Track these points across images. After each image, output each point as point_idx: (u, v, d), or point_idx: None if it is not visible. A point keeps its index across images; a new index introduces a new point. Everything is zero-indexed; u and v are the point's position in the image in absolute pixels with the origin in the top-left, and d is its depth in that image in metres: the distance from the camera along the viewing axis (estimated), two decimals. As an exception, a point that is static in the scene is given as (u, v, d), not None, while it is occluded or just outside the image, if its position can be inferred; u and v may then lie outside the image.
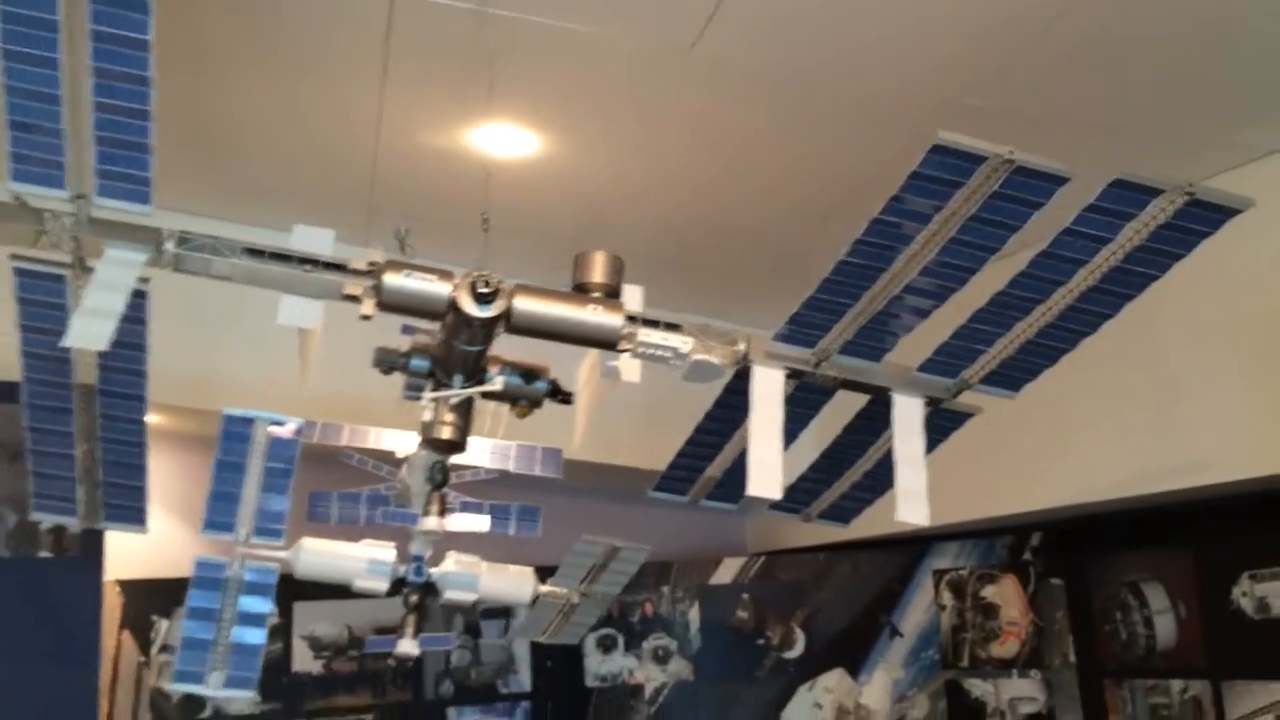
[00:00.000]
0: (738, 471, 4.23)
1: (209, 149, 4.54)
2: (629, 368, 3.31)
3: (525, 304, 2.84)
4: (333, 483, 4.40)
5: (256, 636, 3.50)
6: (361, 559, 3.58)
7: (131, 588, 5.79)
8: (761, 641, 7.00)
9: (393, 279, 2.77)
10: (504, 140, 4.68)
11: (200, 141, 4.40)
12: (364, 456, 4.31)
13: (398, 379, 3.50)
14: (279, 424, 3.62)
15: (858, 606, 6.86)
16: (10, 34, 2.61)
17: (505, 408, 3.37)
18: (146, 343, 3.23)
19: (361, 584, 3.58)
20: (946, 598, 6.60)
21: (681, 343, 2.97)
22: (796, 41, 3.81)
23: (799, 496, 4.44)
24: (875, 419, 3.81)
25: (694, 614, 7.07)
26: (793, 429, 3.92)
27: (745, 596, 7.13)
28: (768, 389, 3.34)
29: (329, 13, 3.79)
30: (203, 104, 3.87)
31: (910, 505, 3.34)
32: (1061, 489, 5.93)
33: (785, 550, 7.24)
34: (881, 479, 4.18)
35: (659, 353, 3.00)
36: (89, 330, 2.73)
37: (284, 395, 4.77)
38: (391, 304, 2.78)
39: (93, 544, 5.02)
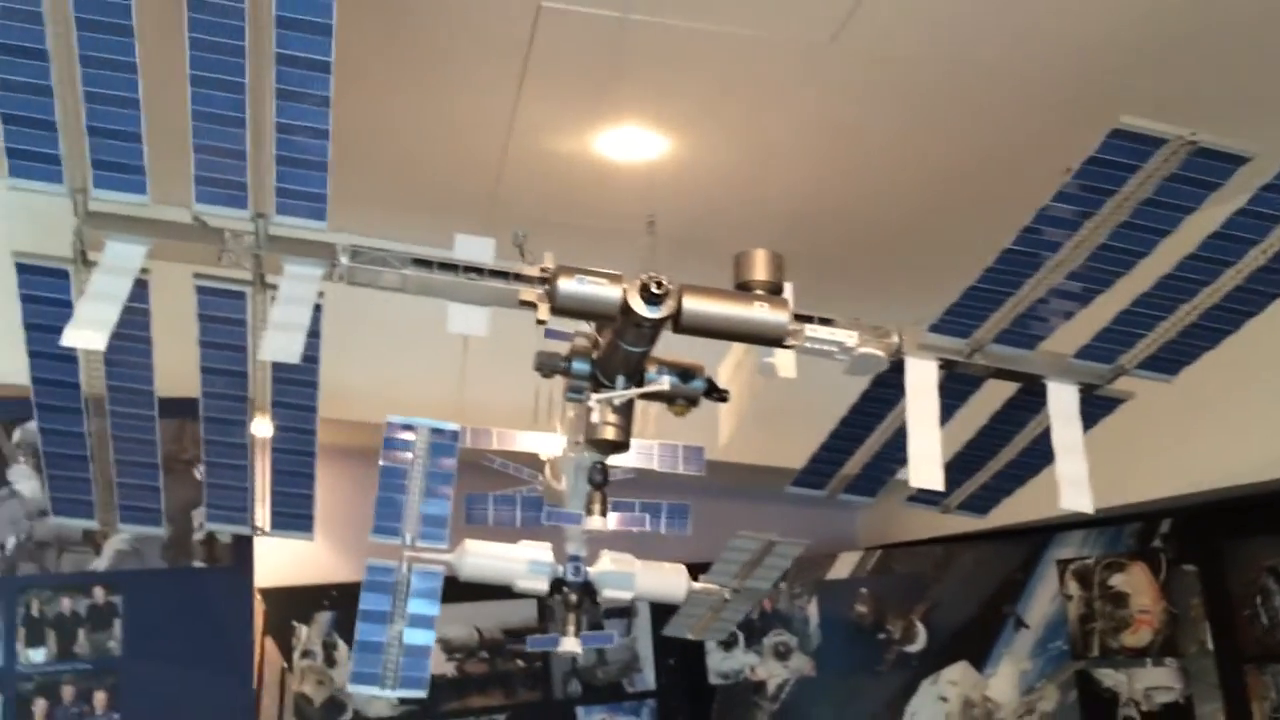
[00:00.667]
0: (878, 465, 4.27)
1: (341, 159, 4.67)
2: (785, 363, 3.34)
3: (694, 304, 2.88)
4: (473, 486, 4.48)
5: (426, 638, 3.59)
6: (522, 560, 3.66)
7: (273, 595, 5.95)
8: (882, 636, 6.97)
9: (567, 284, 2.84)
10: (631, 143, 4.74)
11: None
12: (505, 460, 4.39)
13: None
14: (440, 430, 3.72)
15: (980, 599, 6.79)
16: (199, 60, 2.73)
17: (655, 407, 3.44)
18: (319, 355, 3.35)
19: (523, 584, 3.65)
20: (1073, 587, 6.51)
21: (847, 336, 2.99)
22: (945, 28, 3.81)
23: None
24: (1021, 408, 3.79)
25: (813, 609, 7.06)
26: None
27: (864, 591, 7.10)
28: (922, 380, 3.35)
29: (472, 27, 3.89)
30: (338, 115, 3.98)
31: (1074, 493, 3.33)
32: (1194, 474, 5.82)
33: (901, 544, 7.20)
34: (1024, 468, 4.17)
35: (825, 347, 3.03)
36: (282, 344, 2.83)
37: (408, 401, 4.86)
38: (565, 308, 2.85)
39: (243, 553, 5.17)
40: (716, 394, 3.30)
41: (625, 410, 3.24)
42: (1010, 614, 6.67)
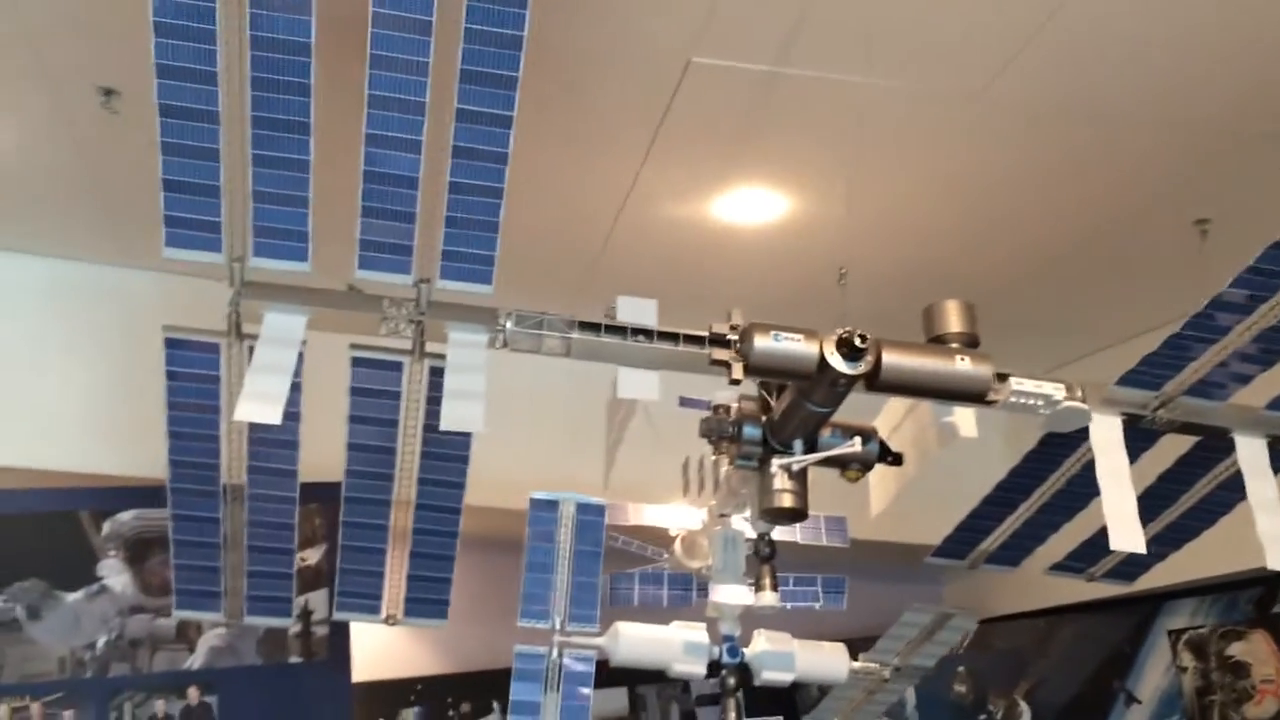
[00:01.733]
0: (1026, 534, 4.07)
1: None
2: (966, 422, 3.17)
3: (894, 359, 2.72)
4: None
5: (584, 721, 3.39)
6: (677, 642, 3.43)
7: (359, 691, 5.69)
8: (984, 716, 6.68)
9: (763, 342, 2.67)
10: (750, 205, 4.61)
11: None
12: (627, 537, 4.19)
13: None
14: (586, 505, 3.53)
15: (1086, 673, 6.51)
16: (377, 119, 2.60)
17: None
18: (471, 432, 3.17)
19: (680, 668, 3.42)
20: (1187, 659, 6.24)
21: (1054, 389, 2.82)
22: (1095, 79, 3.72)
23: (1082, 554, 4.25)
24: (1187, 467, 3.61)
25: (909, 691, 6.76)
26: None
27: (961, 669, 6.83)
28: (1109, 436, 3.17)
29: (618, 78, 3.78)
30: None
31: (1278, 550, 3.14)
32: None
33: (997, 618, 6.93)
34: (1182, 531, 3.97)
35: (1031, 401, 2.85)
36: (462, 413, 2.67)
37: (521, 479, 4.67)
38: (760, 366, 2.68)
39: (339, 646, 4.94)
40: (891, 458, 3.12)
41: (802, 477, 3.06)
42: (1120, 689, 6.39)
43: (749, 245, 4.72)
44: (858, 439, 2.89)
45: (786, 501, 2.99)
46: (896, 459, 3.12)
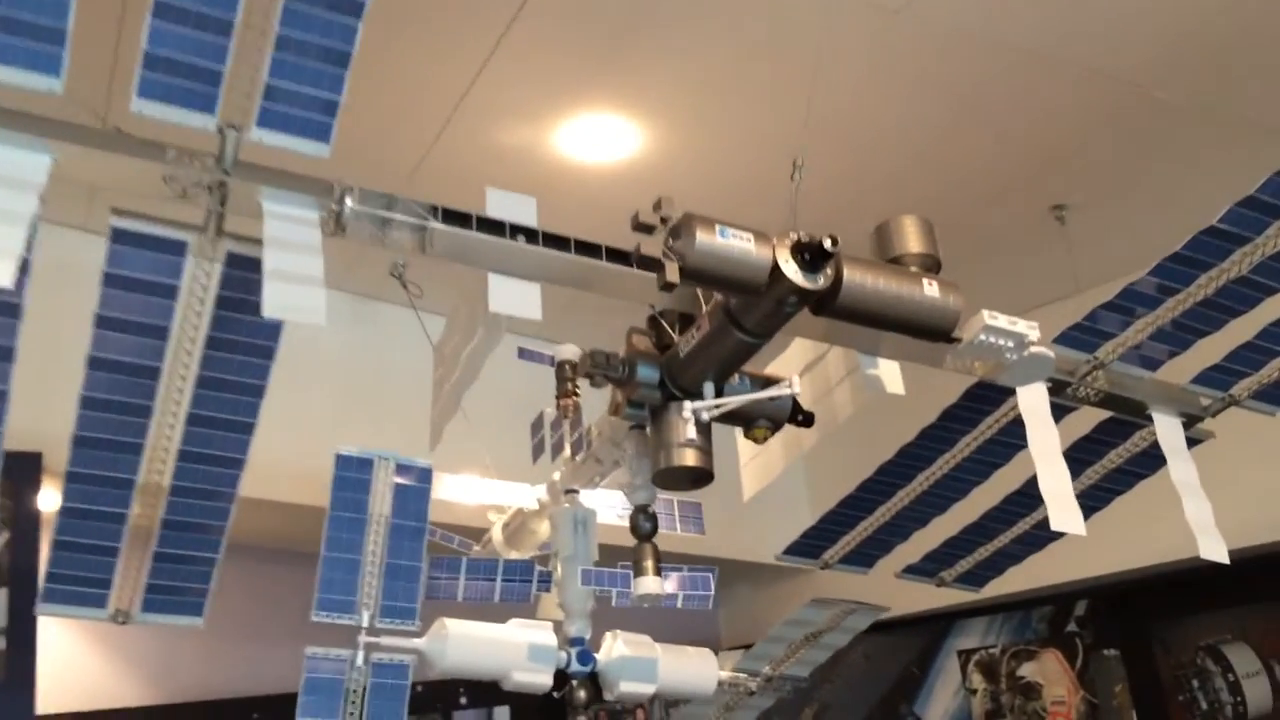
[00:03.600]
0: (886, 532, 3.63)
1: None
2: (892, 375, 2.66)
3: (856, 276, 2.16)
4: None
5: (396, 760, 2.64)
6: (519, 644, 2.73)
7: (48, 725, 4.53)
8: (765, 747, 6.23)
9: (706, 238, 2.04)
10: (597, 136, 3.94)
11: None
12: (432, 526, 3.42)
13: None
14: (408, 467, 2.78)
15: (873, 698, 6.22)
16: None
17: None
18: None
19: (521, 677, 2.72)
20: (977, 680, 6.05)
21: (1029, 329, 2.34)
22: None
23: (940, 555, 3.86)
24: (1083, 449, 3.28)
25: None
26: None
27: (744, 694, 6.36)
28: (1036, 403, 2.75)
29: None
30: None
31: (1211, 542, 2.81)
32: (1114, 553, 5.52)
33: (779, 640, 6.54)
34: (1038, 537, 3.66)
35: (1000, 341, 2.36)
36: (292, 298, 1.88)
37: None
38: (699, 269, 2.05)
39: (21, 665, 3.86)
40: (801, 417, 2.56)
41: (708, 431, 2.44)
42: (908, 714, 6.13)
43: (591, 184, 4.06)
44: (795, 378, 2.30)
45: (690, 459, 2.36)
46: (807, 419, 2.56)
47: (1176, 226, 2.61)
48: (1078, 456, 3.21)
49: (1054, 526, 2.60)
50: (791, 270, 2.08)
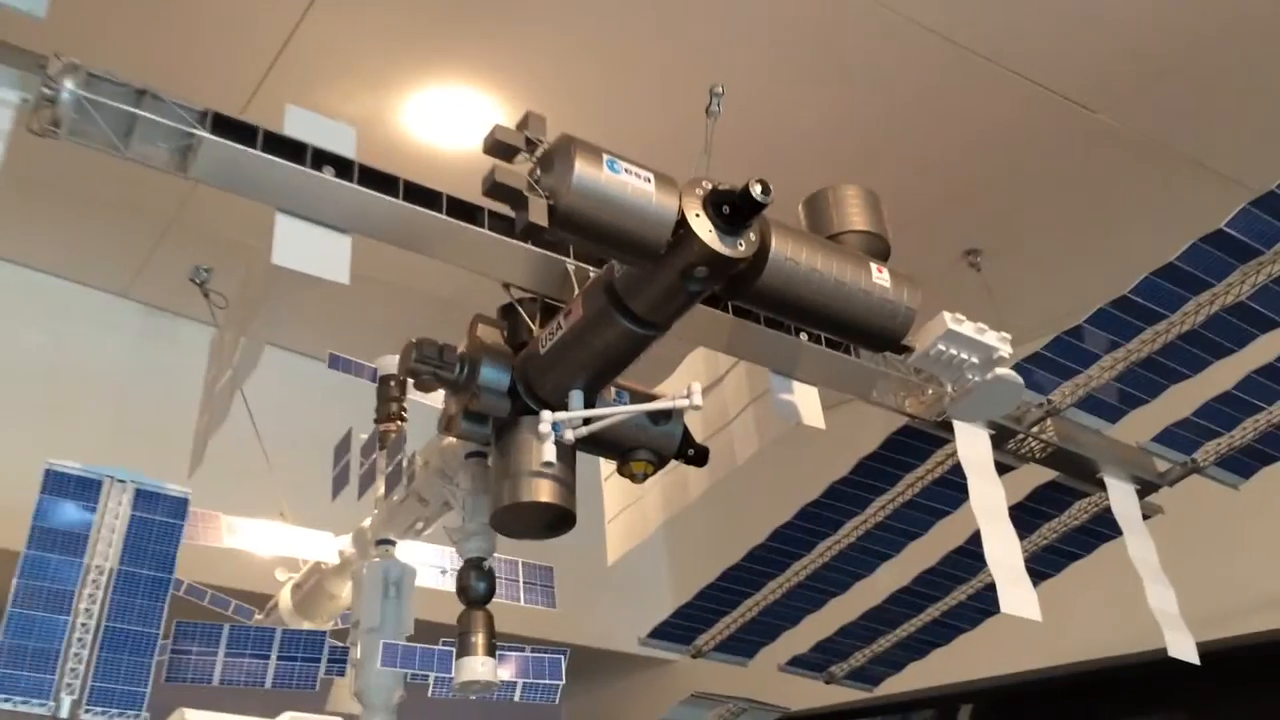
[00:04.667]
0: (773, 615, 3.03)
1: None
2: (809, 404, 2.07)
3: (788, 247, 1.58)
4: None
5: None
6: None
7: None
8: None
9: (589, 170, 1.43)
10: (447, 111, 3.25)
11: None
12: (197, 586, 2.67)
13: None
14: (156, 494, 2.08)
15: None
16: None
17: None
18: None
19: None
20: (845, 789, 5.43)
21: (999, 341, 1.78)
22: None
23: (830, 646, 3.28)
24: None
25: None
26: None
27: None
28: (979, 453, 2.21)
29: None
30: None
31: (1179, 639, 2.30)
32: (1004, 653, 5.02)
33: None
34: (949, 628, 3.13)
35: (963, 355, 1.79)
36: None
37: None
38: (575, 214, 1.43)
39: None
40: (694, 453, 1.95)
41: (570, 459, 1.80)
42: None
43: (442, 169, 3.38)
44: (696, 386, 1.68)
45: (545, 492, 1.72)
46: (700, 454, 1.95)
47: (1111, 276, 2.14)
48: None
49: (1005, 608, 2.04)
50: (704, 228, 1.49)
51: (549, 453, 1.68)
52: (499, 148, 1.48)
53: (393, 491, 2.16)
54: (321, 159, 1.64)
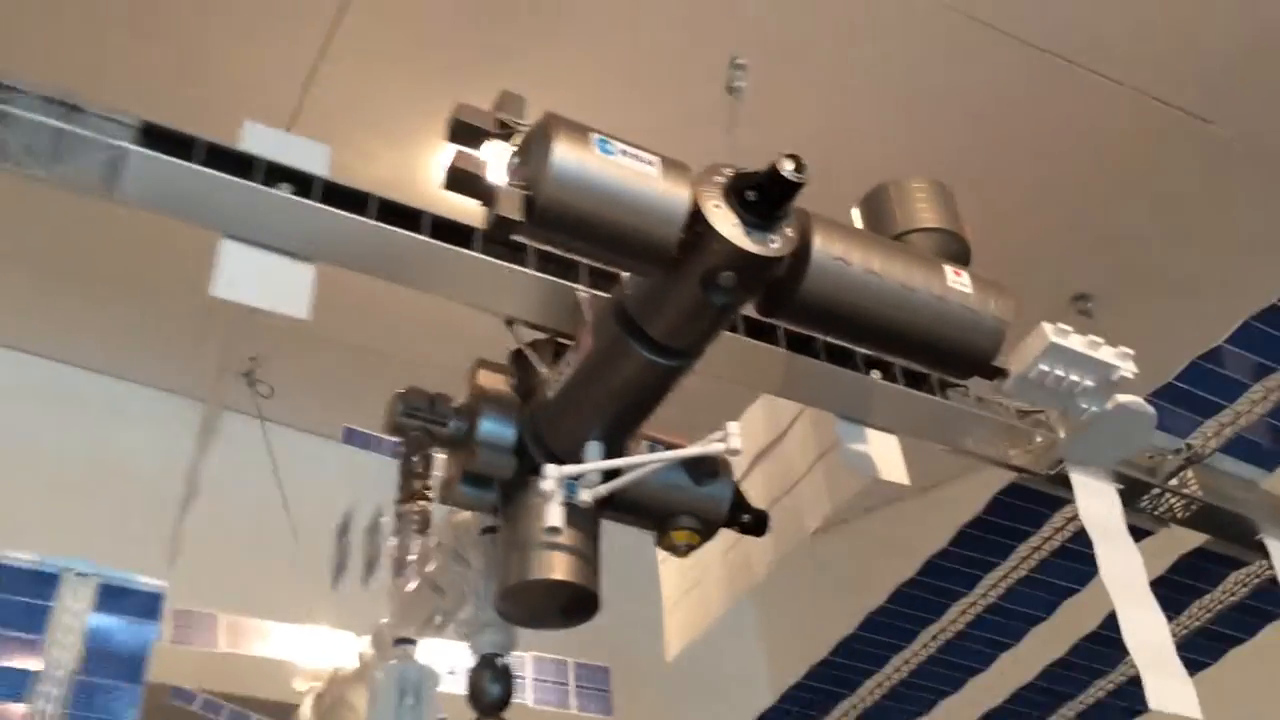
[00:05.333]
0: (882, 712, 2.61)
1: None
2: (888, 455, 1.71)
3: (836, 246, 1.26)
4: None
5: None
6: None
7: None
8: None
9: (572, 153, 1.14)
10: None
11: None
12: (182, 690, 2.39)
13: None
14: (125, 589, 1.83)
15: None
16: None
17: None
18: None
19: None
20: None
21: (1118, 358, 1.41)
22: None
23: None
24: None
25: None
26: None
27: None
28: (1105, 513, 1.81)
29: None
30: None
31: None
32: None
33: None
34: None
35: (1070, 378, 1.42)
36: None
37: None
38: (559, 207, 1.14)
39: None
40: (748, 517, 1.60)
41: (592, 528, 1.48)
42: None
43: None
44: (733, 427, 1.35)
45: (555, 567, 1.41)
46: (757, 520, 1.61)
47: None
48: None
49: (1154, 704, 1.63)
50: (726, 222, 1.18)
51: (555, 516, 1.36)
52: (463, 131, 1.21)
53: (403, 579, 1.86)
54: (278, 175, 1.39)
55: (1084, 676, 2.45)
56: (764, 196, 1.19)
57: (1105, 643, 2.39)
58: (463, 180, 1.16)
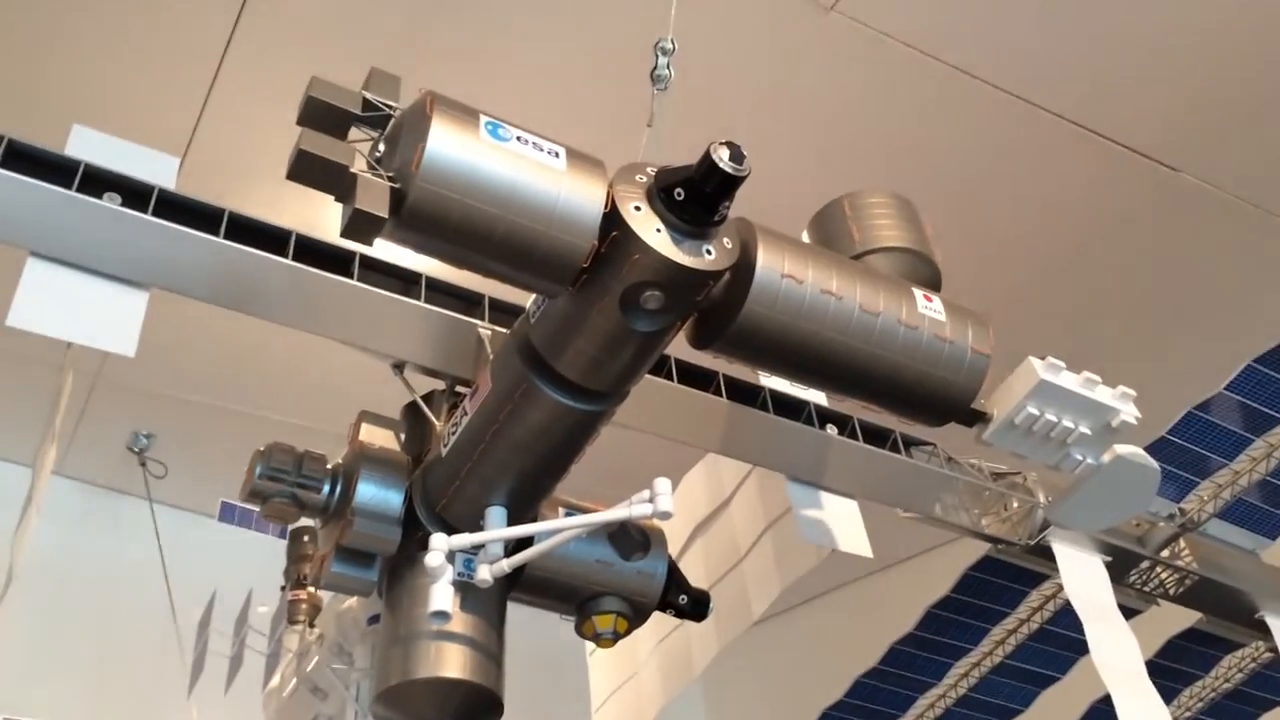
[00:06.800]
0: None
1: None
2: (847, 522, 1.47)
3: (783, 261, 1.04)
4: None
5: None
6: None
7: None
8: None
9: (460, 140, 0.91)
10: None
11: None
12: None
13: None
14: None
15: None
16: None
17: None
18: None
19: None
20: None
21: (1118, 400, 1.19)
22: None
23: None
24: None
25: None
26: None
27: None
28: (1092, 590, 1.58)
29: None
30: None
31: None
32: None
33: None
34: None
35: (1062, 423, 1.19)
36: None
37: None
38: (434, 206, 0.91)
39: None
40: (687, 601, 1.35)
41: (495, 608, 1.21)
42: None
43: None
44: (663, 483, 1.09)
45: (452, 666, 1.15)
46: (696, 604, 1.36)
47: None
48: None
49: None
50: (648, 226, 0.95)
51: (443, 599, 1.09)
52: (320, 113, 0.96)
53: (276, 682, 1.57)
54: (103, 184, 1.14)
55: None
56: (696, 195, 0.96)
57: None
58: (313, 166, 0.91)
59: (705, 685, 5.07)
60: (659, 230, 0.97)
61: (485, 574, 1.14)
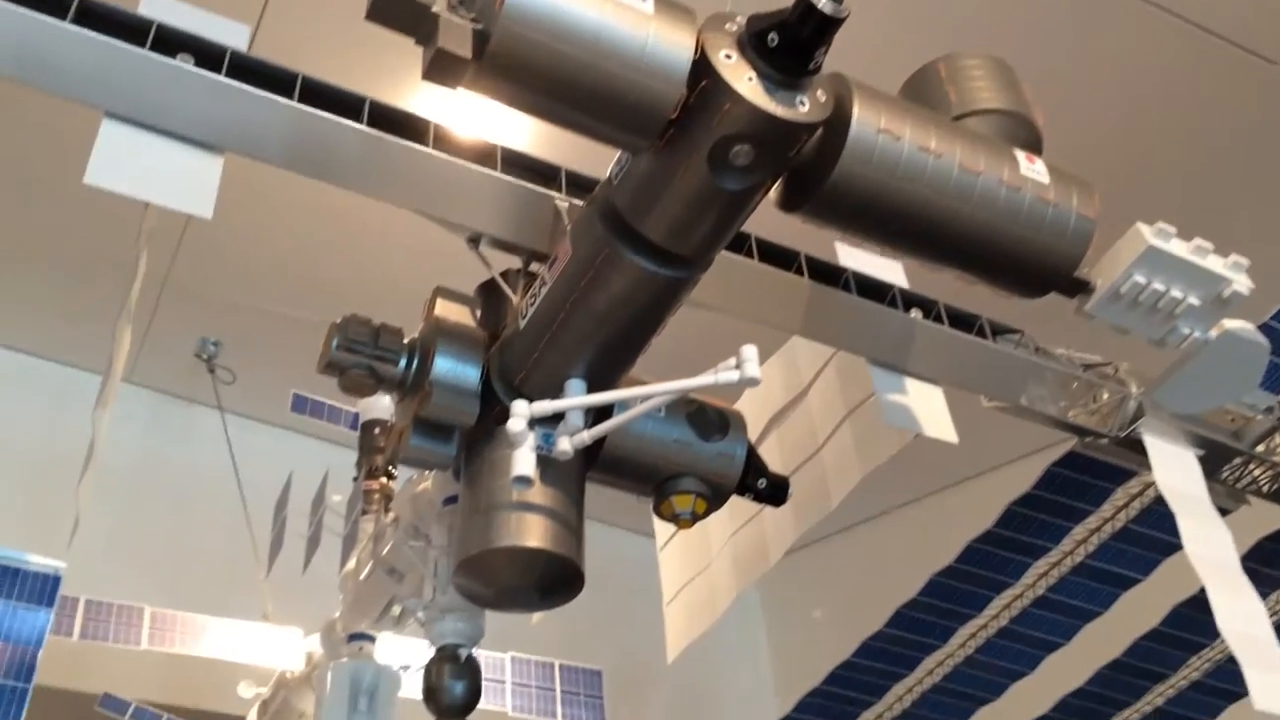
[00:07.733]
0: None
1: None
2: (932, 407, 1.43)
3: (879, 117, 0.99)
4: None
5: None
6: None
7: None
8: None
9: None
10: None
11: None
12: (119, 700, 2.09)
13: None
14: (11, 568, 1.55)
15: None
16: None
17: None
18: None
19: None
20: None
21: (1230, 269, 1.13)
22: None
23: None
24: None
25: None
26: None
27: None
28: (1185, 483, 1.53)
29: None
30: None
31: None
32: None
33: None
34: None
35: (1171, 293, 1.14)
36: None
37: None
38: (518, 50, 0.86)
39: None
40: (764, 483, 1.32)
41: (572, 488, 1.20)
42: None
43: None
44: (749, 351, 1.06)
45: (531, 534, 1.13)
46: (775, 488, 1.33)
47: None
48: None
49: (1260, 705, 1.34)
50: (740, 76, 0.90)
51: (525, 464, 1.07)
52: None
53: (354, 563, 1.58)
54: (176, 45, 1.12)
55: (1142, 681, 2.16)
56: (791, 39, 0.91)
57: (1167, 642, 2.11)
58: (393, 4, 0.88)
59: (765, 604, 5.08)
60: (750, 79, 0.92)
61: (565, 445, 1.12)
